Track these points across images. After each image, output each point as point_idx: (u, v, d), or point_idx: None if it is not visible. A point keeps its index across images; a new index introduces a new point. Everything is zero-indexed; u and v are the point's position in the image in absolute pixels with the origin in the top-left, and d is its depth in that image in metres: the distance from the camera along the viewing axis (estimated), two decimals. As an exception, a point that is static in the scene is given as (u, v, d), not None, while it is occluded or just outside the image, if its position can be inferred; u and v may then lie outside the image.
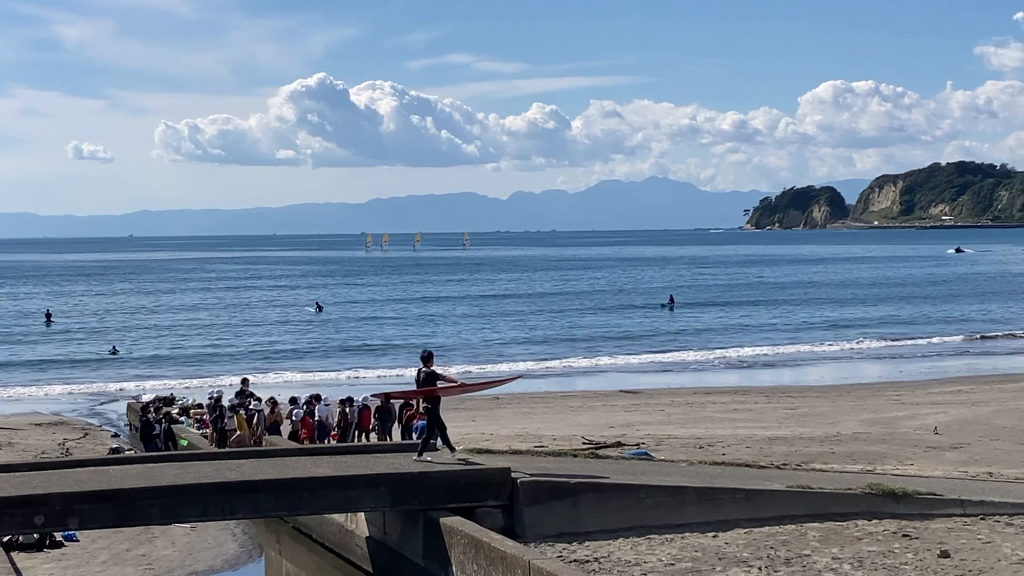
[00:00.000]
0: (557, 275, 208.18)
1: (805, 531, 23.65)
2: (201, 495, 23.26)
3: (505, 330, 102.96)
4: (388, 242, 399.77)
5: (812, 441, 39.59)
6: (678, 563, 21.55)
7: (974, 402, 50.13)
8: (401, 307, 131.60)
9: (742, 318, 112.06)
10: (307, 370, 74.43)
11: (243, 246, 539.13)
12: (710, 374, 71.45)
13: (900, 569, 20.90)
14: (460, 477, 24.56)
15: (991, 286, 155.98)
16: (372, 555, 26.44)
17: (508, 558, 20.49)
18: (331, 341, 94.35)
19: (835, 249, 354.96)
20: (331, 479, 24.33)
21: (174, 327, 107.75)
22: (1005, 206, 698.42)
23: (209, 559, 28.03)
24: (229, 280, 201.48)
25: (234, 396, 42.42)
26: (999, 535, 23.19)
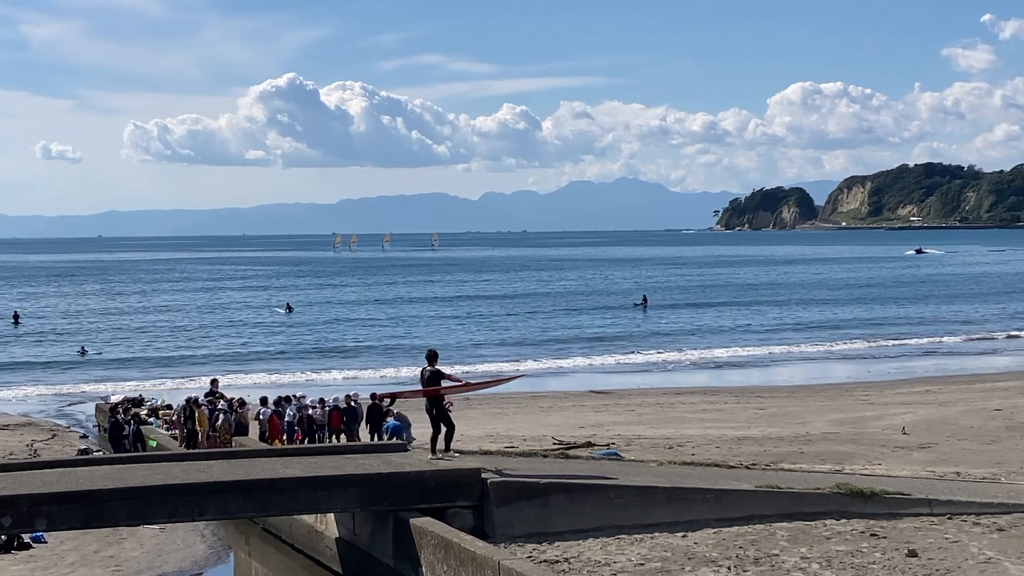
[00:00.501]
0: (528, 276, 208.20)
1: (774, 531, 23.74)
2: (170, 496, 23.18)
3: (477, 331, 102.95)
4: (356, 243, 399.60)
5: (781, 441, 39.72)
6: (648, 563, 21.60)
7: (942, 402, 50.37)
8: (372, 308, 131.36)
9: (713, 319, 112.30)
10: (277, 371, 74.21)
11: (213, 247, 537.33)
12: (680, 374, 71.61)
13: (868, 568, 20.99)
14: (430, 478, 24.55)
15: (953, 287, 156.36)
16: (342, 556, 26.41)
17: (478, 558, 20.50)
18: (301, 342, 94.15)
19: (803, 250, 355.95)
20: (301, 480, 24.28)
21: (143, 328, 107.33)
22: (973, 207, 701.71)
23: (178, 560, 27.94)
24: (199, 281, 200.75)
25: (203, 396, 42.40)
26: (966, 534, 23.31)
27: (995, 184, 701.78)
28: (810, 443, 39.05)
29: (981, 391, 54.84)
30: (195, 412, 39.08)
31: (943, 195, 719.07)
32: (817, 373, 70.53)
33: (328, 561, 27.14)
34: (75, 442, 46.29)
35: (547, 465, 28.31)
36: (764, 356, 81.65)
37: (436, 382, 26.67)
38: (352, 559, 25.94)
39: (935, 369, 70.45)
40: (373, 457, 27.33)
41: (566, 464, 29.07)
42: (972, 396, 52.46)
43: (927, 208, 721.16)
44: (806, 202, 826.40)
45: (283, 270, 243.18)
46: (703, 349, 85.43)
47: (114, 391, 62.17)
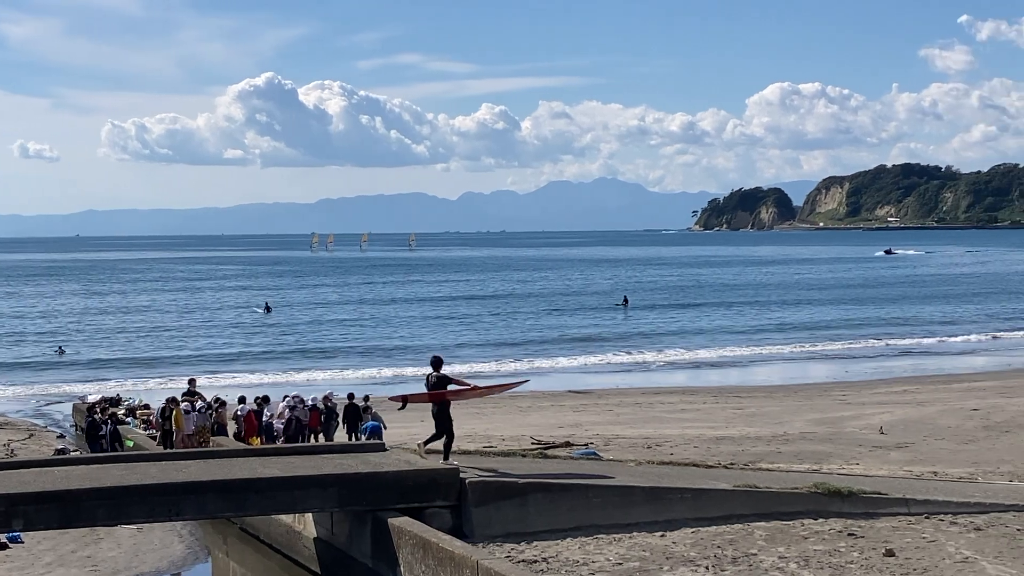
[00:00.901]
0: (508, 276, 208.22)
1: (752, 530, 23.77)
2: (147, 496, 23.12)
3: (456, 331, 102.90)
4: (333, 242, 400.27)
5: (759, 441, 39.78)
6: (626, 563, 21.61)
7: (919, 402, 50.51)
8: (351, 308, 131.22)
9: (692, 319, 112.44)
10: (256, 372, 74.02)
11: (191, 246, 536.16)
12: (659, 374, 71.72)
13: (846, 568, 21.04)
14: (408, 477, 24.53)
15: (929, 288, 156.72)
16: (320, 556, 26.36)
17: (456, 558, 20.49)
18: (280, 342, 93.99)
19: (779, 251, 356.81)
20: (278, 480, 24.24)
21: (121, 328, 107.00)
22: (950, 208, 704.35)
23: (155, 560, 27.86)
24: (177, 281, 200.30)
25: (181, 396, 42.26)
26: (943, 534, 23.39)
27: (972, 185, 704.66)
28: (788, 443, 39.12)
29: (958, 391, 55.03)
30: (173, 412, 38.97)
31: (920, 196, 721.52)
32: (795, 373, 70.70)
33: (306, 561, 27.09)
34: (52, 442, 46.12)
35: (526, 465, 28.31)
36: (743, 356, 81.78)
37: (442, 387, 26.74)
38: (330, 559, 25.90)
39: (912, 369, 70.70)
40: (351, 457, 27.29)
41: (545, 464, 29.08)
42: (949, 396, 52.64)
43: (905, 209, 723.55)
44: (784, 202, 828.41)
45: (261, 270, 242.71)
46: (682, 349, 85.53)
47: (91, 391, 61.95)
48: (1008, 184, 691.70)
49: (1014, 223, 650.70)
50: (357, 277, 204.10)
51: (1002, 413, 44.64)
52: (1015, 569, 20.71)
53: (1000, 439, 38.61)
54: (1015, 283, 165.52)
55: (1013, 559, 21.39)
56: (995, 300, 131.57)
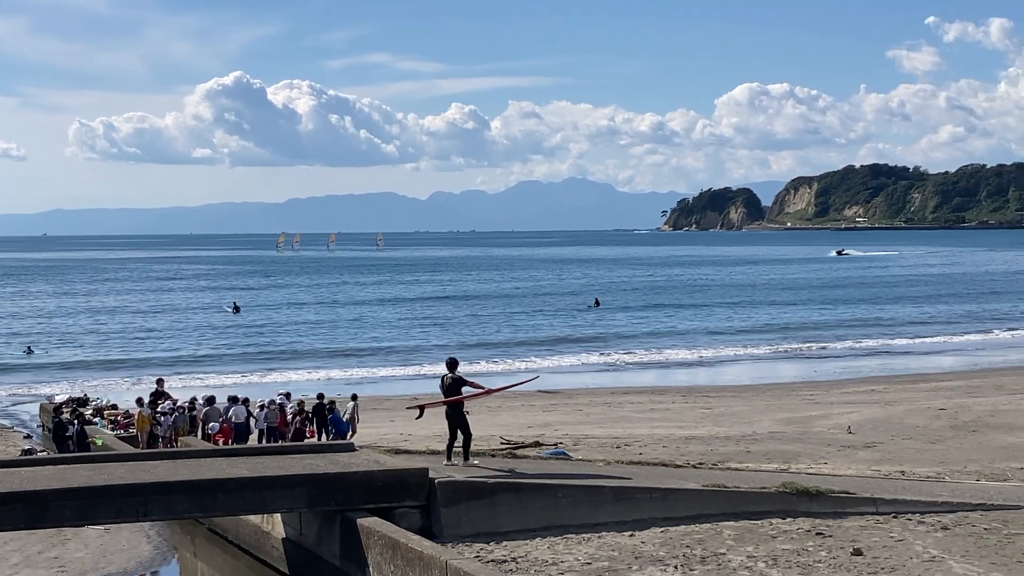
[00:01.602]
0: (478, 276, 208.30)
1: (720, 530, 23.82)
2: (115, 496, 22.98)
3: (427, 331, 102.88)
4: (300, 242, 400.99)
5: (728, 440, 39.87)
6: (595, 562, 21.62)
7: (887, 402, 50.72)
8: (320, 308, 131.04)
9: (662, 319, 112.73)
10: (225, 372, 73.83)
11: (159, 246, 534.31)
12: (628, 374, 71.82)
13: (814, 567, 21.10)
14: (377, 477, 24.47)
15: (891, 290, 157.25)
16: (288, 556, 26.29)
17: (425, 558, 20.46)
18: (249, 342, 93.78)
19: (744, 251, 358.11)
20: (246, 480, 24.15)
21: (90, 327, 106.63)
22: (918, 208, 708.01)
23: (123, 561, 27.73)
24: (145, 280, 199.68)
25: (149, 396, 42.19)
26: (911, 533, 23.48)
27: (940, 185, 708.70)
28: (756, 442, 39.22)
29: (926, 391, 55.29)
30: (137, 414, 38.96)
31: (889, 196, 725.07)
32: (764, 373, 70.91)
33: (275, 562, 27.01)
34: (19, 442, 45.87)
35: (495, 464, 28.29)
36: (712, 356, 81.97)
37: (457, 389, 27.08)
38: (299, 559, 25.83)
39: (880, 369, 71.02)
40: (320, 457, 27.23)
41: (514, 464, 29.06)
42: (917, 396, 52.88)
43: (873, 209, 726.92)
44: (753, 203, 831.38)
45: (231, 269, 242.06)
46: (651, 349, 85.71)
47: (59, 391, 61.64)
48: (975, 185, 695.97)
49: (981, 223, 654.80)
50: (326, 277, 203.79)
51: (969, 413, 44.86)
52: (982, 568, 20.81)
53: (967, 439, 38.80)
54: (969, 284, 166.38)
55: (980, 558, 21.50)
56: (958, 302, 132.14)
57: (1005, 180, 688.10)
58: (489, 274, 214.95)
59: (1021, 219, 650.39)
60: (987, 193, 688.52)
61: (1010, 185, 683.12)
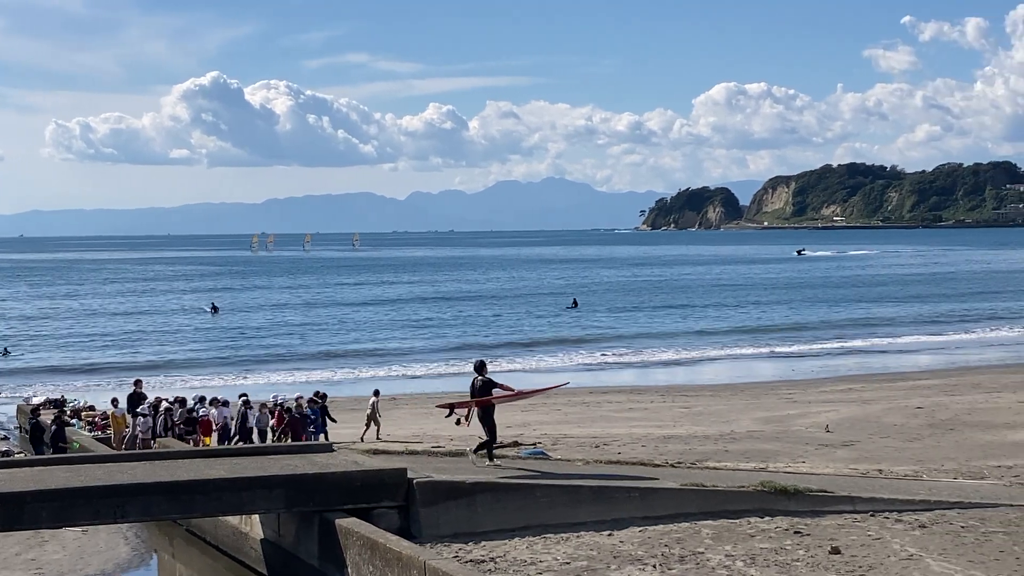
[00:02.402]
0: (457, 276, 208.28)
1: (699, 529, 23.85)
2: (92, 498, 22.91)
3: (406, 332, 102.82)
4: (274, 242, 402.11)
5: (706, 439, 39.91)
6: (574, 562, 21.63)
7: (864, 400, 50.84)
8: (299, 309, 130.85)
9: (640, 319, 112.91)
10: (205, 373, 73.68)
11: (137, 247, 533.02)
12: (606, 373, 71.85)
13: (792, 566, 21.15)
14: (356, 478, 24.44)
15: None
16: (267, 557, 26.24)
17: (404, 559, 20.43)
18: (228, 342, 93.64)
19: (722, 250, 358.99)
20: (224, 481, 24.10)
21: (67, 328, 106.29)
22: (895, 207, 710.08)
23: (100, 563, 27.63)
24: (123, 281, 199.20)
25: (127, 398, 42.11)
26: (888, 531, 23.55)
27: (917, 184, 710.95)
28: (735, 441, 39.28)
29: (903, 389, 55.44)
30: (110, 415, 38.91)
31: (866, 195, 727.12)
32: (742, 372, 71.05)
33: (253, 563, 26.96)
34: (-4, 444, 45.64)
35: (473, 465, 28.28)
36: (690, 355, 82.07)
37: (487, 391, 27.35)
38: (277, 560, 25.78)
39: (858, 367, 71.19)
40: (298, 458, 27.20)
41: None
42: (894, 394, 53.02)
43: (850, 208, 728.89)
44: (731, 202, 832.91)
45: (207, 270, 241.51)
46: (630, 349, 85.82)
47: (36, 392, 61.42)
48: (952, 184, 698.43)
49: (958, 222, 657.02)
50: (305, 278, 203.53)
51: (946, 411, 45.02)
52: (959, 566, 20.88)
53: (944, 437, 38.92)
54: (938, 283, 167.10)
55: (957, 556, 21.57)
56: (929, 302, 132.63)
57: (982, 179, 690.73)
58: (467, 274, 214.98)
59: (998, 218, 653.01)
60: (964, 192, 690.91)
61: (987, 184, 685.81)
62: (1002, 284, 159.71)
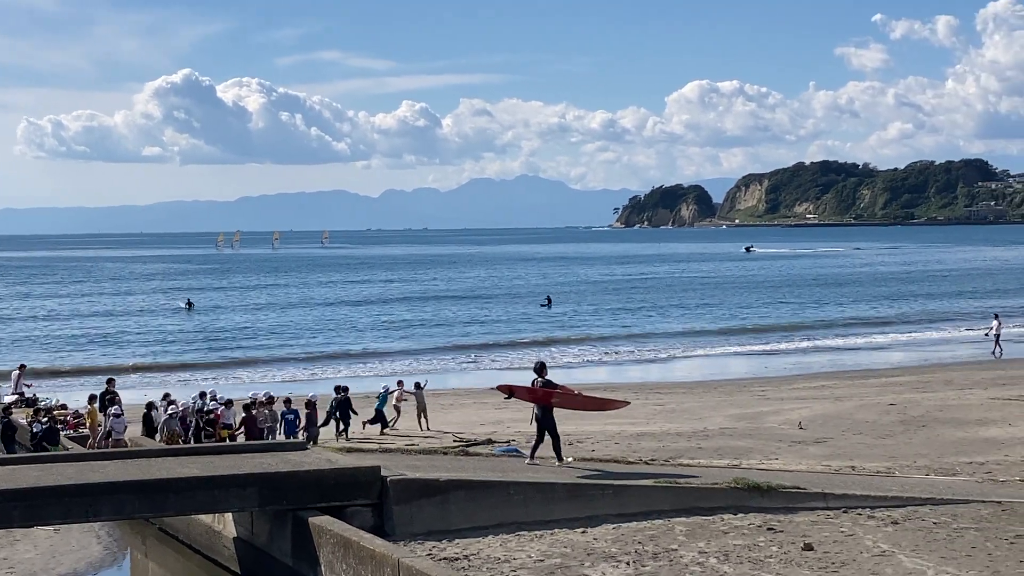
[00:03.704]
0: (431, 274, 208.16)
1: (672, 526, 23.89)
2: (63, 497, 22.79)
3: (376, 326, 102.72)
4: (240, 240, 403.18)
5: (680, 437, 39.96)
6: (547, 559, 21.63)
7: (837, 397, 50.98)
8: (272, 305, 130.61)
9: (614, 316, 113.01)
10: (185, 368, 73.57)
11: (109, 244, 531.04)
12: (580, 371, 71.83)
13: (765, 562, 21.20)
14: (329, 476, 24.40)
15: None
16: (240, 556, 26.18)
17: (377, 557, 20.40)
18: (205, 339, 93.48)
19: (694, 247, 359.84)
20: (197, 479, 24.02)
21: (41, 326, 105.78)
22: (867, 205, 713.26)
23: (72, 562, 27.51)
24: (96, 279, 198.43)
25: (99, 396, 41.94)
26: (861, 527, 23.63)
27: (889, 182, 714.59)
28: (708, 438, 39.34)
29: (875, 386, 55.63)
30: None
31: (838, 193, 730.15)
32: (715, 369, 71.17)
33: (226, 561, 26.89)
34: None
35: (447, 462, 28.30)
36: (663, 353, 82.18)
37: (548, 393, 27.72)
38: (250, 559, 25.72)
39: (830, 364, 71.41)
40: (271, 456, 27.13)
41: (466, 461, 29.07)
42: (867, 391, 53.19)
43: (823, 206, 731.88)
44: (705, 200, 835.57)
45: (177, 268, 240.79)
46: (603, 346, 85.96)
47: (6, 391, 61.03)
48: (924, 181, 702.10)
49: (930, 220, 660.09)
50: (277, 276, 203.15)
51: (918, 408, 45.17)
52: (931, 561, 20.96)
53: (916, 433, 39.06)
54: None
55: (929, 552, 21.66)
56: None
57: (953, 177, 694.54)
58: (442, 272, 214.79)
59: (970, 215, 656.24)
60: (936, 189, 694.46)
61: (958, 181, 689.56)
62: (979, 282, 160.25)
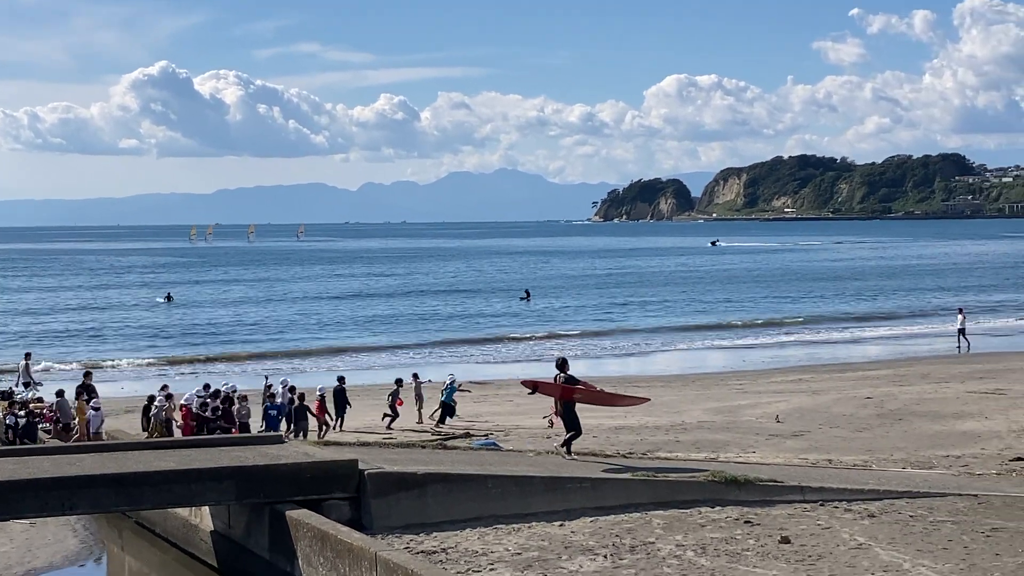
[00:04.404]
0: (409, 268, 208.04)
1: (650, 519, 23.92)
2: (39, 490, 22.71)
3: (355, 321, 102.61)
4: (212, 233, 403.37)
5: (657, 430, 40.03)
6: (525, 552, 21.64)
7: (814, 391, 51.10)
8: (250, 299, 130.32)
9: (592, 310, 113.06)
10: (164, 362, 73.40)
11: (86, 237, 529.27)
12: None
13: (742, 555, 21.24)
14: (306, 469, 24.36)
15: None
16: (217, 549, 26.12)
17: (355, 550, 20.38)
18: (184, 331, 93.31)
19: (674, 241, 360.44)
20: (174, 473, 23.95)
21: (17, 318, 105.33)
22: (845, 199, 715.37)
23: (49, 555, 27.42)
24: (74, 271, 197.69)
25: (76, 389, 41.78)
26: (838, 520, 23.70)
27: (867, 176, 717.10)
28: (686, 432, 39.41)
29: (852, 380, 55.76)
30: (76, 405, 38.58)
31: (816, 187, 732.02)
32: (693, 362, 71.25)
33: (203, 555, 26.82)
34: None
35: (425, 456, 28.27)
36: (641, 346, 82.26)
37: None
38: (227, 552, 25.67)
39: (808, 358, 71.52)
40: (248, 449, 27.07)
41: (444, 455, 29.04)
42: (844, 384, 53.32)
43: (801, 200, 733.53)
44: (683, 193, 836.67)
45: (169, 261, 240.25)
46: (581, 340, 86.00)
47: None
48: (901, 175, 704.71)
49: (907, 214, 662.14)
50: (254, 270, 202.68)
51: (895, 401, 45.32)
52: (908, 554, 21.04)
53: (893, 427, 39.20)
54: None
55: (906, 545, 21.73)
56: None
57: (931, 171, 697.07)
58: (421, 265, 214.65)
59: (947, 210, 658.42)
60: (913, 184, 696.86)
61: (935, 176, 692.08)
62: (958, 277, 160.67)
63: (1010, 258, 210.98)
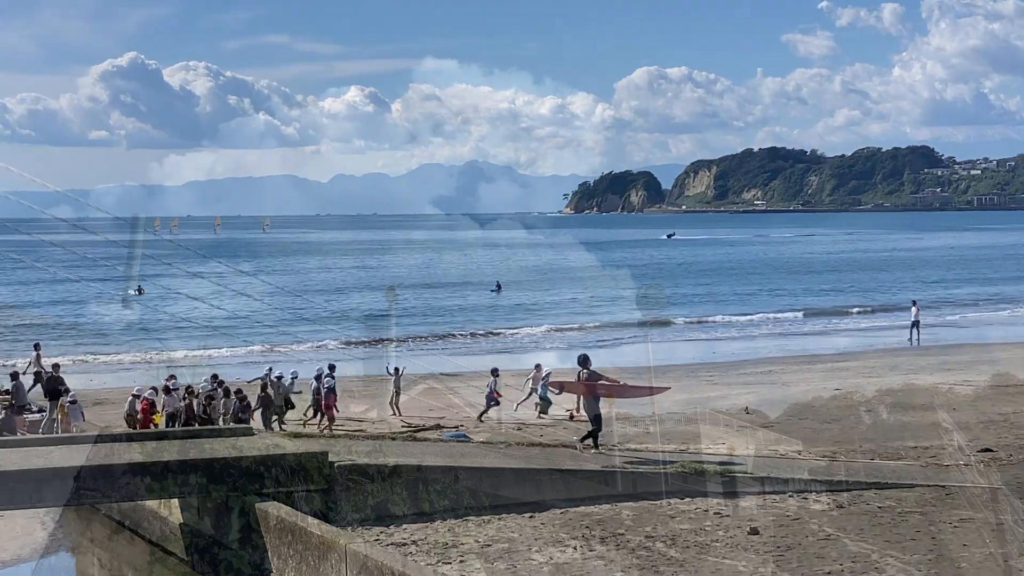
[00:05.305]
0: (380, 260, 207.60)
1: (620, 510, 23.97)
2: (7, 483, 22.61)
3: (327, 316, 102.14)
4: (178, 226, 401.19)
5: (627, 422, 40.03)
6: (495, 544, 21.66)
7: (784, 382, 51.26)
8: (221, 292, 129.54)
9: (563, 301, 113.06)
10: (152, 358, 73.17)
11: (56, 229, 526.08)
12: (529, 356, 71.75)
13: (711, 546, 21.30)
14: (276, 462, 24.30)
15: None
16: (187, 541, 26.02)
17: (324, 542, 20.34)
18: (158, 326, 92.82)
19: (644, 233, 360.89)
20: (143, 465, 23.86)
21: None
22: (815, 191, 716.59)
23: (16, 548, 27.29)
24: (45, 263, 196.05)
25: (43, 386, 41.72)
26: (807, 512, 23.80)
27: (836, 168, 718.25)
28: (656, 423, 39.45)
29: (822, 371, 55.92)
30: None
31: (786, 179, 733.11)
32: (663, 354, 71.29)
33: (173, 547, 26.72)
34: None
35: (396, 448, 28.24)
36: (612, 338, 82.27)
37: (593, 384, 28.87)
38: (197, 545, 25.57)
39: (777, 349, 71.69)
40: (218, 441, 27.00)
41: (414, 447, 29.02)
42: (813, 376, 53.49)
43: (771, 192, 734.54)
44: (654, 186, 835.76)
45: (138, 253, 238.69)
46: (552, 331, 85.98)
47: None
48: (871, 168, 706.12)
49: (877, 206, 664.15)
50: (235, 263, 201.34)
51: (864, 393, 45.50)
52: (876, 545, 21.14)
53: (862, 418, 39.35)
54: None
55: (874, 536, 21.84)
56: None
57: (900, 163, 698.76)
58: (390, 259, 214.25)
59: (916, 202, 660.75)
60: (882, 176, 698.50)
61: (905, 168, 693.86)
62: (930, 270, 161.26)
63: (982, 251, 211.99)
